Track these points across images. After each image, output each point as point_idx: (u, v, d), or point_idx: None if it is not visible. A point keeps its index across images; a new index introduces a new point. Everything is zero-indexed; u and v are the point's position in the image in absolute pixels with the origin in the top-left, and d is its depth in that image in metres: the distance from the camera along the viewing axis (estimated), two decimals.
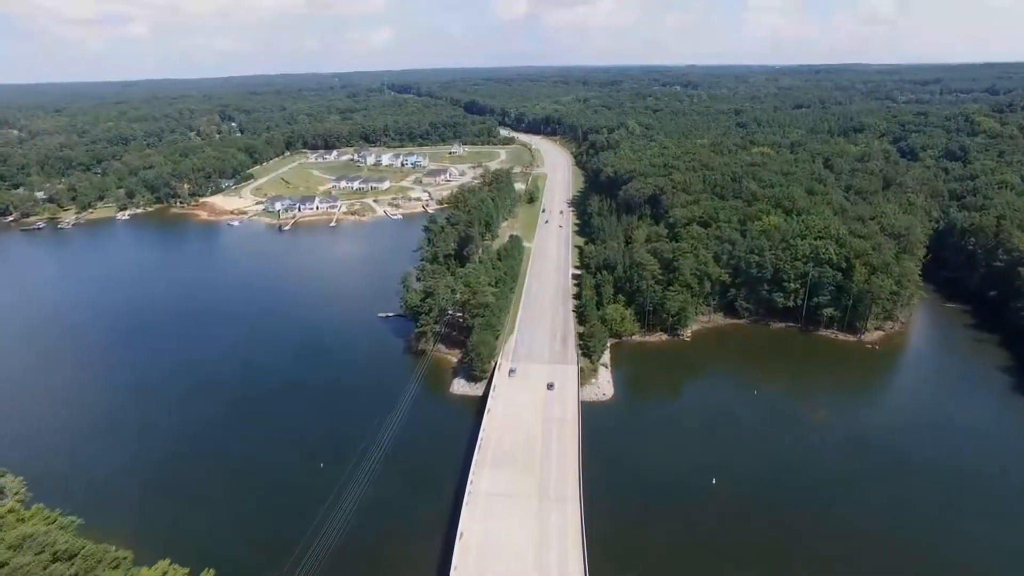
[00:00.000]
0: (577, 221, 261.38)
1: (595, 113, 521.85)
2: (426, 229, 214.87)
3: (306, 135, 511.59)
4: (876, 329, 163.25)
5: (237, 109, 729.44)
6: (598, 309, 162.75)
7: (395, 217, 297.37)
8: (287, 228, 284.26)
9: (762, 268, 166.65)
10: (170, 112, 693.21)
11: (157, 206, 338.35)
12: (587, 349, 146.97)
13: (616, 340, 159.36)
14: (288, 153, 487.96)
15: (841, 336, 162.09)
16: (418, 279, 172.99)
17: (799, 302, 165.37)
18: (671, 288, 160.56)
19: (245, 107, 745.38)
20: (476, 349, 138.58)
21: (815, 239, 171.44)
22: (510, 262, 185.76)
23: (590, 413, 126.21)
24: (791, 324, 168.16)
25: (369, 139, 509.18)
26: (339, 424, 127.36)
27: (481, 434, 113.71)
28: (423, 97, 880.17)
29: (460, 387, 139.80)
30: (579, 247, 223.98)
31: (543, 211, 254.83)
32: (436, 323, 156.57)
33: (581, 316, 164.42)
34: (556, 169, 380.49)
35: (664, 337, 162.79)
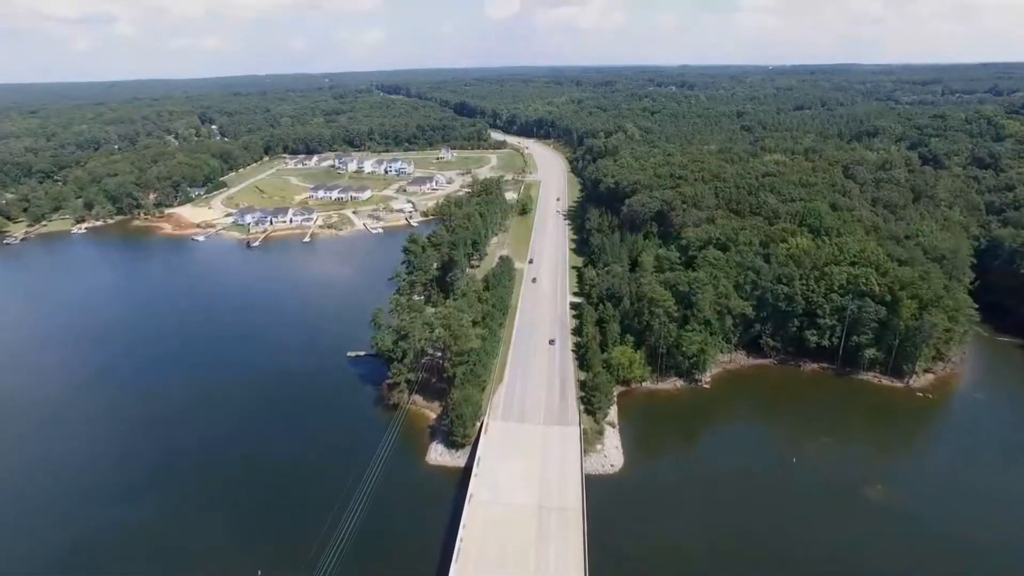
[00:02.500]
0: (574, 236, 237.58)
1: (590, 115, 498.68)
2: (405, 251, 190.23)
3: (286, 139, 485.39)
4: (925, 371, 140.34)
5: (218, 111, 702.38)
6: (602, 351, 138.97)
7: (375, 231, 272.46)
8: (256, 244, 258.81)
9: (792, 301, 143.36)
10: (148, 114, 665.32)
11: (119, 218, 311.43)
12: (590, 404, 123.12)
13: (624, 388, 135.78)
14: (267, 158, 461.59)
15: (885, 381, 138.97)
16: (392, 312, 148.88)
17: (835, 341, 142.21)
18: (688, 327, 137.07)
19: (227, 109, 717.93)
20: (457, 409, 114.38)
21: (850, 264, 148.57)
22: (499, 292, 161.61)
23: (597, 491, 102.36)
24: (826, 365, 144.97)
25: (353, 143, 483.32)
26: (290, 513, 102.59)
27: (461, 533, 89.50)
28: (412, 98, 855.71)
29: (439, 455, 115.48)
30: (577, 268, 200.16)
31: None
32: (412, 370, 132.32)
33: (582, 359, 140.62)
34: (550, 176, 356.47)
35: (679, 384, 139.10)
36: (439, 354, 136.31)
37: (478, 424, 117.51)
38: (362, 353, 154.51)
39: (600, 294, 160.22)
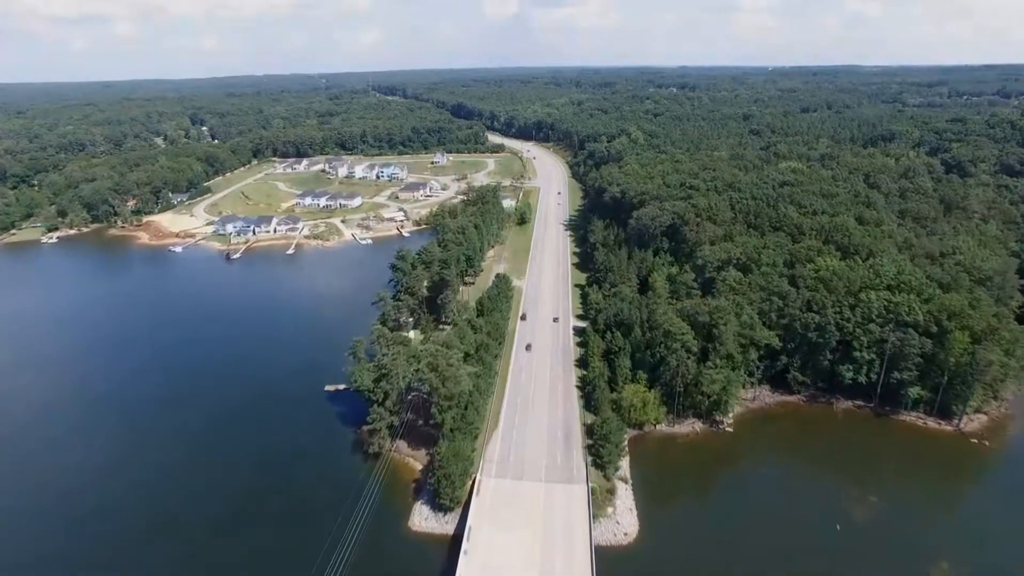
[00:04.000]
0: (576, 249, 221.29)
1: (591, 117, 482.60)
2: (393, 268, 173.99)
3: (276, 142, 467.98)
4: (976, 411, 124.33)
5: (210, 112, 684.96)
6: (611, 389, 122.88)
7: (364, 242, 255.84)
8: (236, 256, 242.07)
9: (824, 332, 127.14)
10: (137, 115, 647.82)
11: (95, 226, 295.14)
12: (599, 456, 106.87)
13: (636, 431, 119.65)
14: (256, 162, 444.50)
15: (931, 423, 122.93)
16: (374, 343, 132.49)
17: (873, 377, 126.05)
18: (708, 362, 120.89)
19: (219, 110, 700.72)
20: (445, 467, 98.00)
21: (887, 288, 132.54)
22: (495, 317, 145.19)
23: (608, 568, 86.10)
24: (861, 403, 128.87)
25: (346, 146, 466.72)
26: None
27: None
28: (408, 99, 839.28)
29: (424, 520, 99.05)
30: (580, 287, 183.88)
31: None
32: (395, 413, 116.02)
33: (588, 398, 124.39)
34: (551, 182, 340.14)
35: (699, 426, 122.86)
36: (426, 390, 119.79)
37: (469, 482, 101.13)
38: (341, 387, 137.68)
39: (607, 320, 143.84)
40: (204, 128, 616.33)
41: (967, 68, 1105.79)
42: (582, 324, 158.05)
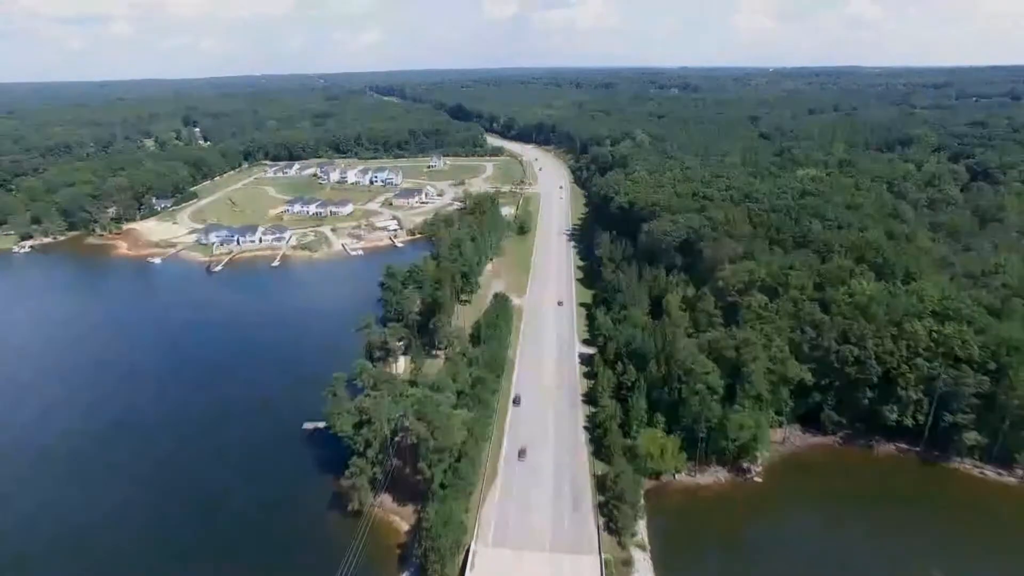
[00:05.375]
0: (581, 262, 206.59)
1: (593, 119, 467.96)
2: (382, 286, 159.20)
3: (268, 145, 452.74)
4: None
5: (204, 113, 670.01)
6: (625, 434, 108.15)
7: (355, 252, 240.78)
8: (218, 268, 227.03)
9: (864, 367, 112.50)
10: (128, 116, 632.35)
11: (72, 234, 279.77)
12: (613, 518, 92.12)
13: (654, 481, 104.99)
14: (246, 165, 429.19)
15: (989, 472, 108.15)
16: (356, 378, 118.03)
17: (921, 419, 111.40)
18: (736, 403, 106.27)
19: (212, 111, 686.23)
20: (433, 535, 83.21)
21: (933, 316, 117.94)
22: (493, 347, 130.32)
23: None
24: (906, 447, 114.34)
25: (340, 149, 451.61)
26: None
27: None
28: (406, 100, 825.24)
29: None
30: (586, 306, 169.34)
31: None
32: (378, 463, 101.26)
33: (598, 443, 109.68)
34: (552, 188, 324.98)
35: (724, 476, 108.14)
36: (413, 440, 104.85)
37: (461, 555, 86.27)
38: (321, 425, 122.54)
39: (618, 350, 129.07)
40: (196, 129, 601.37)
41: (972, 69, 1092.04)
42: (589, 350, 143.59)
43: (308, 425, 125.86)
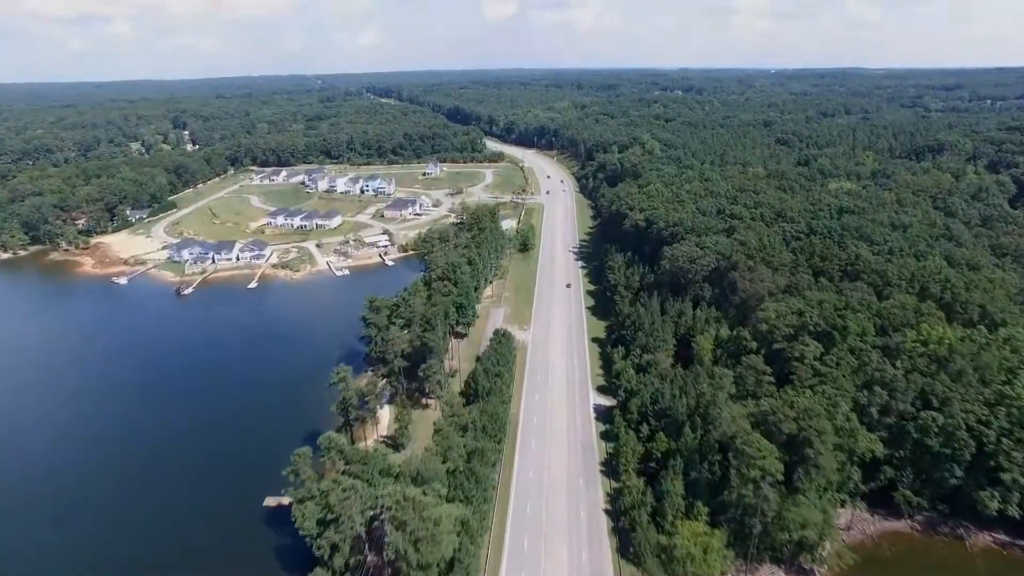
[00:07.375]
0: (591, 287, 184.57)
1: (596, 123, 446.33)
2: (365, 321, 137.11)
3: (256, 149, 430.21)
4: None
5: (194, 115, 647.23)
6: (658, 528, 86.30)
7: (341, 272, 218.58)
8: (188, 291, 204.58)
9: (952, 439, 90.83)
10: (115, 119, 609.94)
11: (35, 249, 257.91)
12: None
13: None
14: (232, 171, 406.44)
15: None
16: (324, 456, 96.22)
17: None
18: (796, 489, 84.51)
19: (203, 112, 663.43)
20: None
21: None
22: (492, 404, 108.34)
23: None
24: (1007, 539, 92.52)
25: (331, 154, 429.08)
26: None
27: None
28: (403, 102, 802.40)
29: None
30: (598, 341, 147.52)
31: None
32: (347, 570, 79.39)
33: (623, 535, 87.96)
34: (556, 198, 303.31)
35: None
36: (391, 555, 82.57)
37: None
38: (286, 501, 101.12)
39: (642, 408, 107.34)
40: (185, 132, 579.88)
41: (979, 71, 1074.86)
42: (605, 401, 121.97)
43: (271, 501, 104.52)
